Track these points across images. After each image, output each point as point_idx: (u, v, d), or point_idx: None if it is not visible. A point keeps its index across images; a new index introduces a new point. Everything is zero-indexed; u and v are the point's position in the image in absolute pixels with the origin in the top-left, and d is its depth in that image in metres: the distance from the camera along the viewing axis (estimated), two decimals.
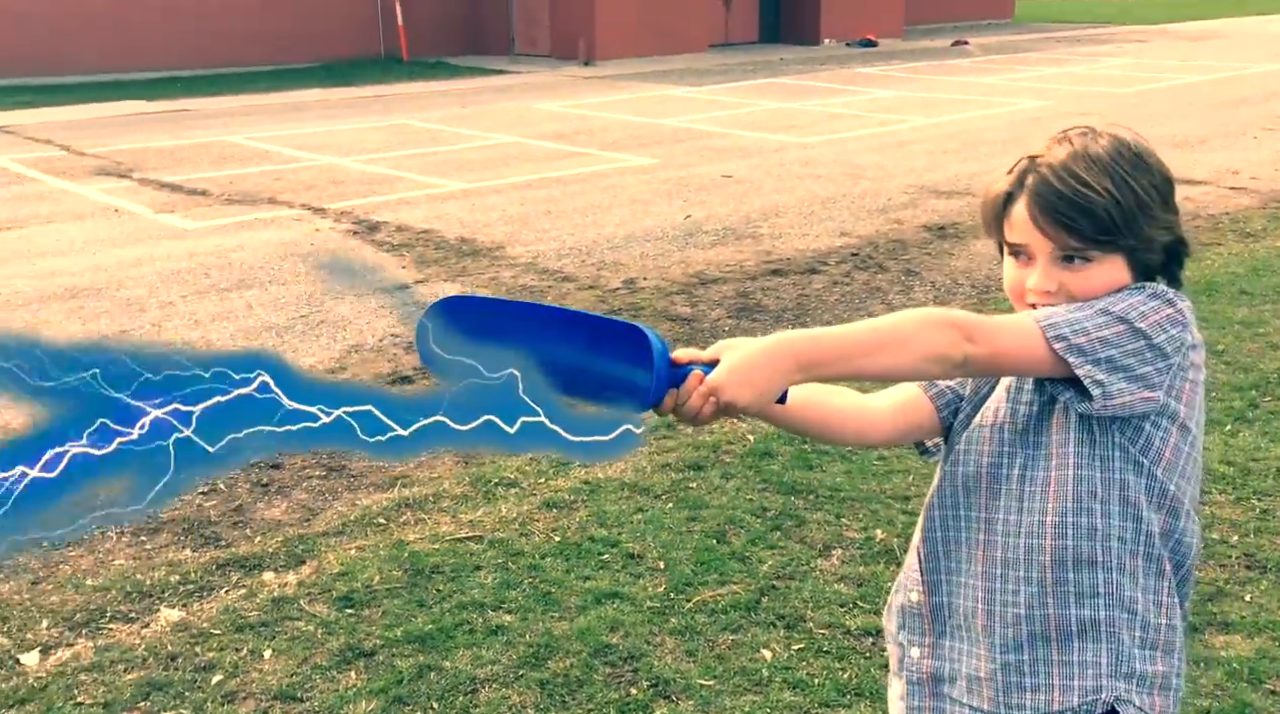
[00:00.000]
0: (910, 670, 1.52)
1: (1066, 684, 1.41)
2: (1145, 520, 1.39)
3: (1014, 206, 1.42)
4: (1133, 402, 1.33)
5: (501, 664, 2.84)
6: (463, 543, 3.51)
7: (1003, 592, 1.43)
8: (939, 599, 1.50)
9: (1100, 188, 1.36)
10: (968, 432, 1.49)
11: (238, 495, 3.96)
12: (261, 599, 3.20)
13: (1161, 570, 1.41)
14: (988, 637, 1.44)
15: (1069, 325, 1.32)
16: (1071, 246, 1.38)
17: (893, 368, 1.29)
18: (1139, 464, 1.38)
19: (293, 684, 2.79)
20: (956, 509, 1.48)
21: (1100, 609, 1.40)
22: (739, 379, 1.24)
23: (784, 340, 1.26)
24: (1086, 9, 38.02)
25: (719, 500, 3.74)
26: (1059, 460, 1.40)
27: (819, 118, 13.39)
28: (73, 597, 3.26)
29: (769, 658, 2.85)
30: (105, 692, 2.77)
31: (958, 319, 1.29)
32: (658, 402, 1.27)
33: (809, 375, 1.28)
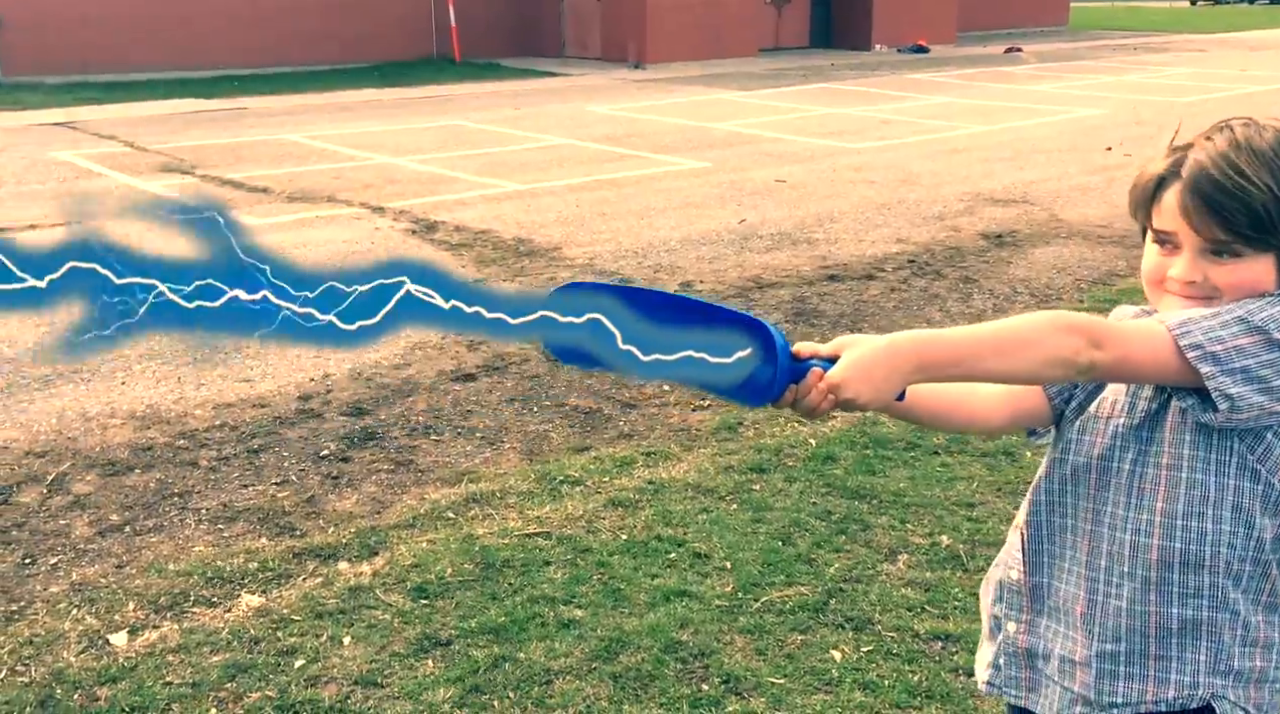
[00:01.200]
0: (1006, 643, 1.55)
1: (1163, 678, 1.42)
2: (1257, 527, 1.38)
3: (1166, 192, 1.40)
4: (1262, 414, 1.31)
5: (574, 657, 2.90)
6: (531, 538, 3.57)
7: (1105, 584, 1.44)
8: (1039, 579, 1.51)
9: (1260, 182, 1.33)
10: (1081, 420, 1.49)
11: (309, 487, 4.06)
12: (338, 588, 3.28)
13: (1268, 573, 1.41)
14: (1086, 624, 1.45)
15: (1204, 333, 1.30)
16: (1221, 240, 1.36)
17: (1014, 372, 1.30)
18: (1255, 472, 1.37)
19: (373, 670, 2.86)
20: (1063, 496, 1.48)
21: (1203, 610, 1.41)
22: (858, 376, 1.27)
23: (905, 339, 1.28)
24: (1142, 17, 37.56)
25: (783, 503, 3.77)
26: (1172, 460, 1.39)
27: (871, 123, 13.36)
28: (156, 581, 3.36)
29: (839, 658, 2.88)
30: (193, 672, 2.86)
31: (1084, 324, 1.28)
32: (779, 396, 1.30)
33: (928, 376, 1.29)
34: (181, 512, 3.87)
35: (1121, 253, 7.35)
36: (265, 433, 4.53)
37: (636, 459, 4.20)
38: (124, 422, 4.64)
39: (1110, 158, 10.87)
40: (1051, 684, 1.50)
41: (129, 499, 3.96)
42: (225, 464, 4.25)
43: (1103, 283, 6.65)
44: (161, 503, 3.93)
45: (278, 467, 4.23)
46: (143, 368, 5.27)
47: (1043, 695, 1.51)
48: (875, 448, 4.21)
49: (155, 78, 19.08)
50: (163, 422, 4.64)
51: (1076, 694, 1.47)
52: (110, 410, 4.75)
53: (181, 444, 4.42)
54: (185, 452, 4.35)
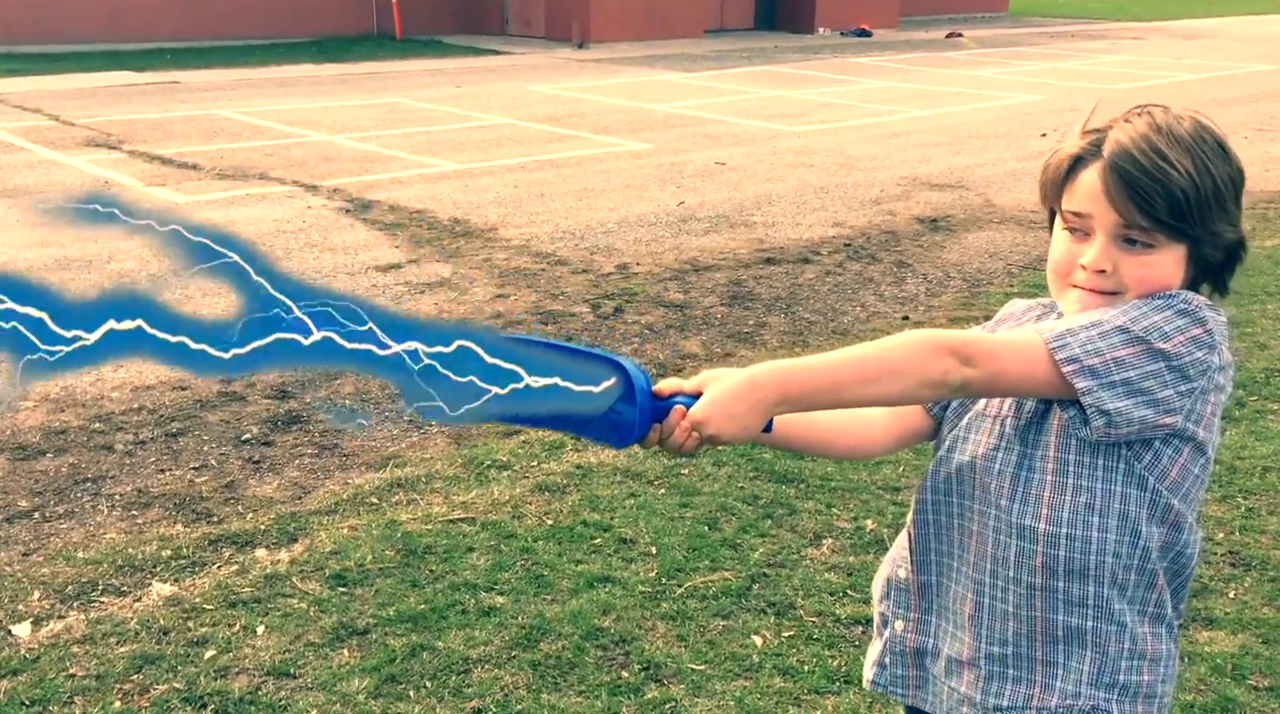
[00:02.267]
0: (893, 641, 1.52)
1: (1047, 684, 1.39)
2: (1144, 536, 1.34)
3: (1083, 171, 1.34)
4: (1142, 429, 1.27)
5: (493, 645, 2.86)
6: (455, 524, 3.52)
7: (991, 587, 1.41)
8: (927, 578, 1.49)
9: (1181, 168, 1.29)
10: (966, 418, 1.45)
11: (229, 471, 3.96)
12: (254, 576, 3.21)
13: (1154, 583, 1.37)
14: (974, 625, 1.43)
15: (1081, 346, 1.25)
16: (1139, 225, 1.30)
17: (883, 397, 1.27)
18: (1143, 480, 1.32)
19: (286, 661, 2.80)
20: (949, 495, 1.45)
21: (1088, 619, 1.37)
22: (720, 413, 1.24)
23: (766, 372, 1.25)
24: (1081, 4, 38.07)
25: (711, 487, 3.76)
26: (1057, 466, 1.35)
27: (812, 107, 13.39)
28: (64, 569, 3.26)
29: (760, 644, 2.87)
30: (98, 664, 2.78)
31: (953, 341, 1.25)
32: (643, 435, 1.28)
33: (793, 406, 1.26)
34: (94, 497, 3.76)
35: None
36: (185, 416, 4.42)
37: (566, 443, 4.15)
38: (36, 404, 4.50)
39: (1045, 144, 10.99)
40: (938, 683, 1.47)
41: (39, 484, 3.83)
42: (142, 448, 4.14)
43: (1033, 268, 6.72)
44: (73, 488, 3.81)
45: (197, 451, 4.13)
46: None
47: (931, 694, 1.49)
48: None
49: (85, 49, 18.54)
50: (78, 404, 4.51)
51: (963, 695, 1.44)
52: (21, 392, 4.60)
53: (97, 427, 4.29)
54: (100, 435, 4.23)
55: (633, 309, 5.84)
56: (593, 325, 5.58)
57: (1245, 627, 2.95)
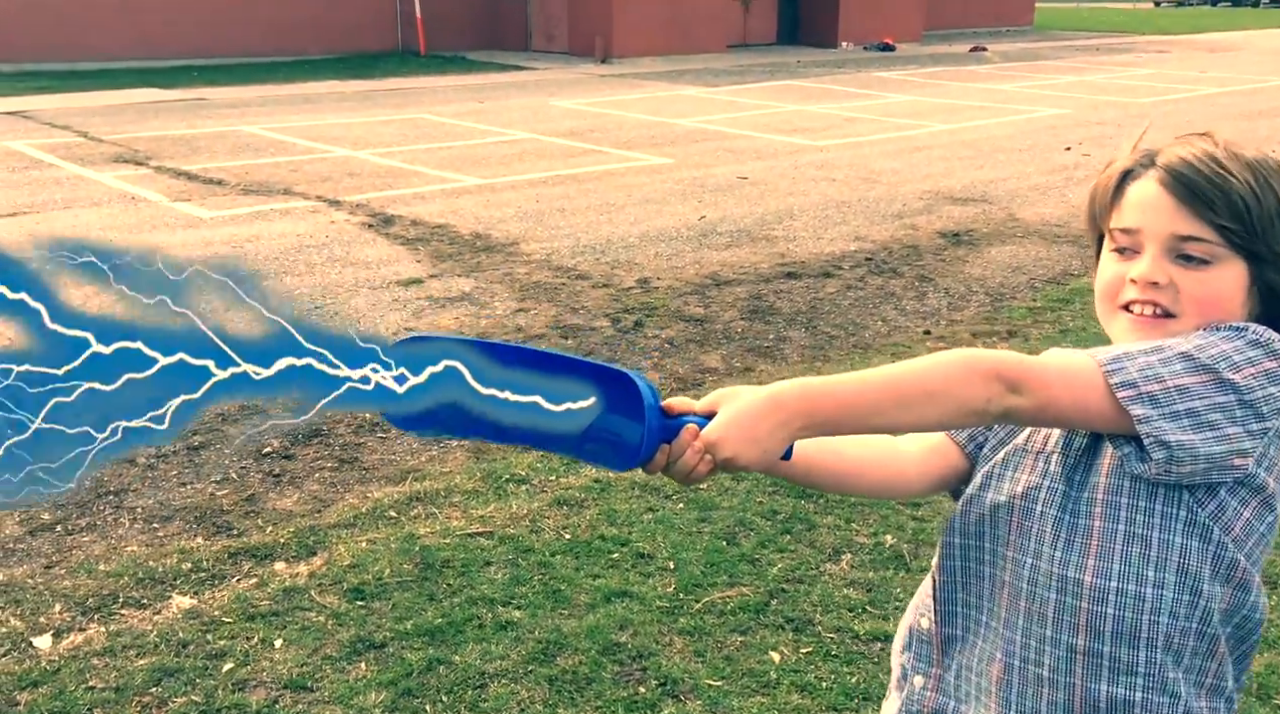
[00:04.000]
0: (911, 698, 1.36)
1: None
2: (1205, 595, 1.17)
3: (1132, 184, 1.24)
4: (1209, 469, 1.12)
5: (510, 660, 2.86)
6: (473, 538, 3.52)
7: (1024, 648, 1.24)
8: (951, 631, 1.32)
9: (1242, 178, 1.19)
10: (1004, 454, 1.29)
11: (250, 485, 3.98)
12: (273, 589, 3.22)
13: (1214, 650, 1.20)
14: (1002, 690, 1.26)
15: (1140, 370, 1.11)
16: (1196, 237, 1.19)
17: (917, 423, 1.13)
18: (1207, 530, 1.16)
19: (303, 674, 2.80)
20: (980, 540, 1.29)
21: (1136, 690, 1.19)
22: (739, 434, 1.10)
23: (790, 390, 1.10)
24: (1106, 18, 37.93)
25: (729, 502, 3.74)
26: (1107, 510, 1.19)
27: (835, 121, 13.38)
28: (85, 581, 3.28)
29: (777, 660, 2.85)
30: (117, 676, 2.79)
31: (999, 364, 1.10)
32: (648, 458, 1.13)
33: (820, 430, 1.11)
34: (116, 510, 3.78)
35: (1076, 252, 7.38)
36: (207, 430, 4.45)
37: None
38: None
39: (1069, 157, 10.94)
40: None
41: (61, 497, 3.86)
42: (164, 461, 4.16)
43: (1057, 282, 6.68)
44: (95, 501, 3.84)
45: (218, 464, 4.15)
46: None
47: None
48: None
49: (113, 67, 18.79)
50: None
51: None
52: None
53: None
54: None
55: (653, 323, 5.84)
56: (613, 339, 5.58)
57: (1271, 645, 2.91)
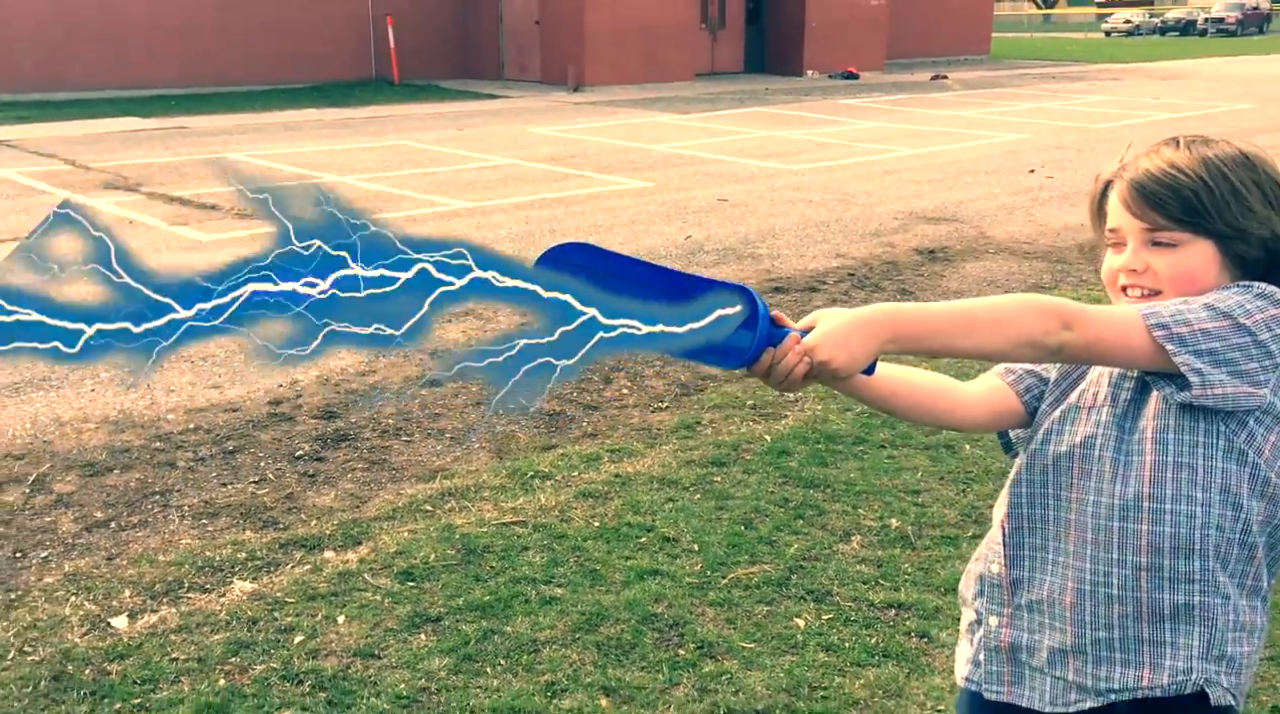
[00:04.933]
0: (988, 638, 1.56)
1: (1158, 664, 1.43)
2: (1245, 509, 1.39)
3: (1111, 194, 1.49)
4: (1235, 394, 1.33)
5: (558, 629, 3.11)
6: (508, 527, 3.77)
7: (1094, 573, 1.45)
8: (1020, 573, 1.53)
9: (1192, 173, 1.41)
10: (1060, 410, 1.51)
11: (287, 484, 4.21)
12: (328, 573, 3.45)
13: (1253, 556, 1.42)
14: (1076, 613, 1.46)
15: (1171, 316, 1.33)
16: (1159, 223, 1.43)
17: (984, 348, 1.32)
18: (1243, 454, 1.38)
19: (369, 644, 3.04)
20: (1045, 487, 1.50)
21: (1195, 595, 1.41)
22: (835, 342, 1.28)
23: (881, 310, 1.31)
24: (1059, 48, 38.94)
25: (743, 492, 4.03)
26: (1157, 446, 1.40)
27: (807, 146, 13.80)
28: (149, 570, 3.50)
29: (802, 625, 3.13)
30: (196, 649, 3.02)
31: (1058, 306, 1.31)
32: (755, 360, 1.30)
33: (902, 347, 1.31)
34: (164, 508, 4.00)
35: (1047, 267, 7.78)
36: (239, 435, 4.67)
37: (602, 456, 4.42)
38: (98, 426, 4.74)
39: (1033, 179, 11.40)
40: (1040, 676, 1.52)
41: (111, 497, 4.07)
42: (202, 464, 4.38)
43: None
44: (143, 501, 4.06)
45: (254, 466, 4.38)
46: (110, 376, 5.36)
47: (1028, 688, 1.53)
48: (826, 443, 4.48)
49: (89, 97, 18.90)
50: (136, 426, 4.75)
51: (1071, 682, 1.48)
52: (83, 415, 4.85)
53: (158, 446, 4.54)
54: (162, 453, 4.48)
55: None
56: None
57: None
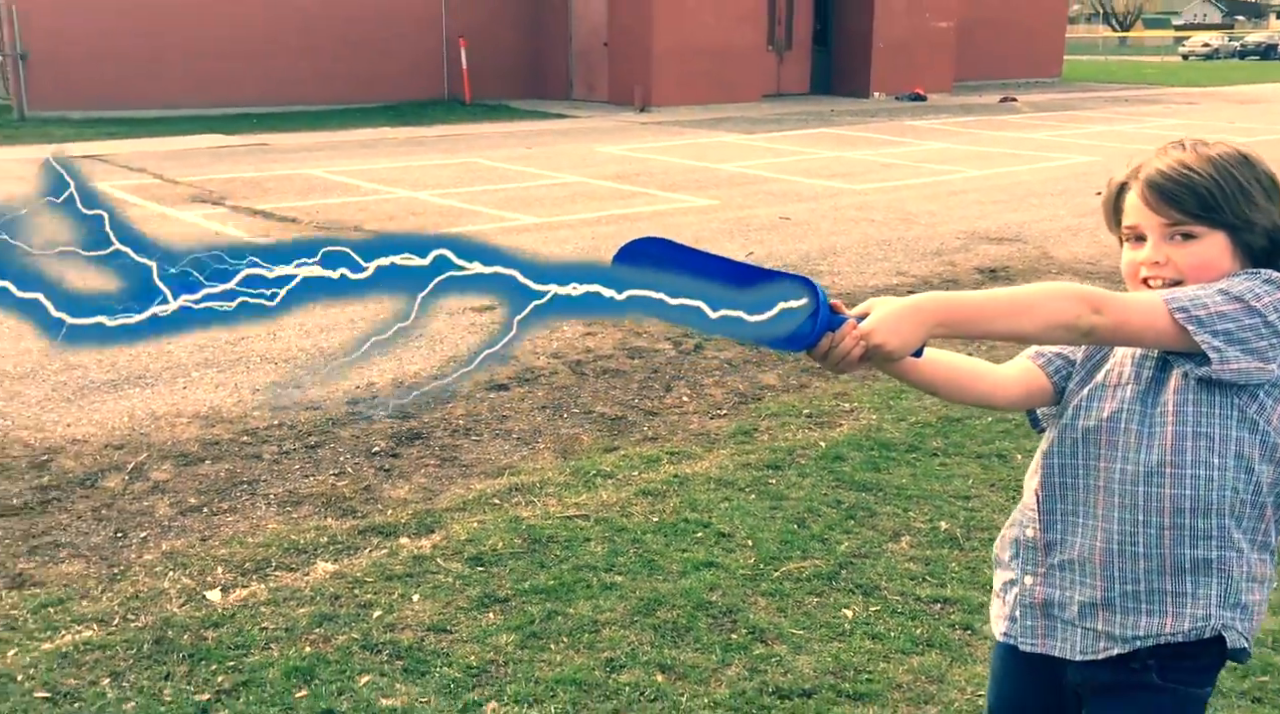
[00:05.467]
0: (1023, 595, 1.73)
1: (1179, 612, 1.60)
2: (1256, 472, 1.57)
3: (1127, 194, 1.66)
4: (1248, 369, 1.50)
5: (618, 612, 3.30)
6: (571, 520, 3.98)
7: (1120, 534, 1.62)
8: (1053, 536, 1.70)
9: (1203, 171, 1.59)
10: (1088, 389, 1.68)
11: (364, 477, 4.46)
12: (403, 557, 3.68)
13: (1263, 515, 1.61)
14: (1105, 570, 1.64)
15: (1190, 300, 1.51)
16: (1176, 218, 1.59)
17: (1022, 331, 1.49)
18: (1254, 424, 1.56)
19: (441, 620, 3.26)
20: (1075, 457, 1.67)
21: (1213, 549, 1.59)
22: (888, 327, 1.46)
23: (930, 297, 1.49)
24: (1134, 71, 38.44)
25: (797, 494, 4.18)
26: (1177, 418, 1.57)
27: (871, 166, 13.90)
28: (239, 550, 3.76)
29: (850, 615, 3.29)
30: (284, 621, 3.26)
31: (1087, 292, 1.48)
32: (815, 343, 1.48)
33: (949, 331, 1.49)
34: (252, 496, 4.27)
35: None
36: (320, 432, 4.94)
37: (662, 457, 4.61)
38: (190, 420, 5.05)
39: (1099, 201, 11.37)
40: (1071, 628, 1.68)
41: (203, 485, 4.36)
42: (286, 457, 4.66)
43: None
44: (233, 489, 4.33)
45: (334, 460, 4.64)
46: (200, 375, 5.69)
47: (1060, 640, 1.70)
48: (880, 450, 4.62)
49: (174, 114, 19.65)
50: (225, 421, 5.05)
51: (1100, 632, 1.65)
52: (176, 411, 5.17)
53: (245, 440, 4.83)
54: (249, 446, 4.76)
55: (711, 346, 6.31)
56: (676, 360, 6.06)
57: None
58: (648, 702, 2.87)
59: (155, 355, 5.99)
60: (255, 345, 6.25)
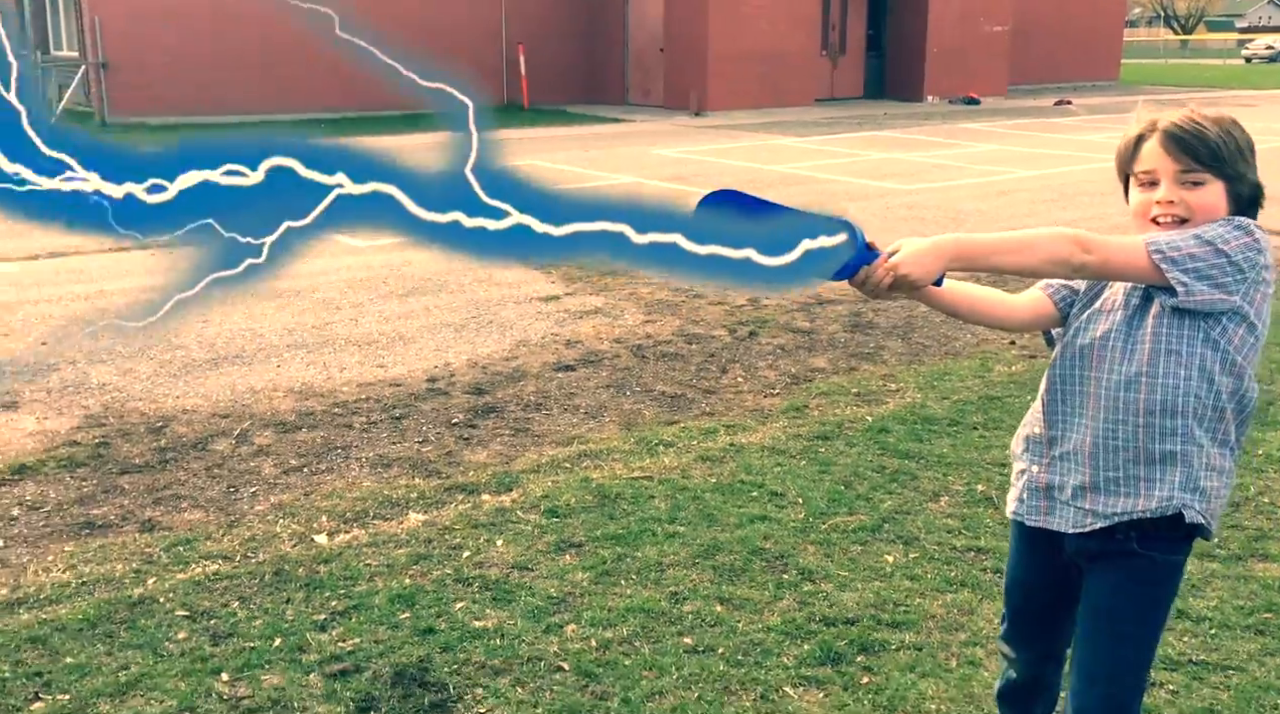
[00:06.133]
0: (1030, 480, 2.11)
1: (1149, 494, 1.96)
2: (1216, 383, 1.92)
3: (1145, 144, 1.98)
4: (1211, 299, 1.85)
5: (680, 556, 3.67)
6: (637, 480, 4.36)
7: (1105, 431, 1.97)
8: (1054, 433, 2.06)
9: (1213, 130, 1.93)
10: (1087, 313, 2.03)
11: (446, 445, 4.87)
12: (486, 509, 4.09)
13: (1223, 416, 1.95)
14: (1092, 460, 2.00)
15: (1167, 244, 1.84)
16: (1190, 166, 1.91)
17: (1024, 265, 1.84)
18: (1216, 343, 1.90)
19: (523, 560, 3.65)
20: (1073, 369, 2.03)
21: (1178, 444, 1.93)
22: (913, 260, 1.83)
23: (948, 237, 1.86)
24: (1194, 73, 38.03)
25: (844, 460, 4.53)
26: (1153, 339, 1.91)
27: (923, 167, 14.14)
28: (339, 503, 4.19)
29: (890, 561, 3.63)
30: (384, 559, 3.67)
31: (1081, 236, 1.82)
32: (853, 274, 1.84)
33: (963, 264, 1.86)
34: (346, 459, 4.70)
35: None
36: (403, 405, 5.37)
37: (718, 429, 4.97)
38: (285, 394, 5.51)
39: None
40: (1066, 507, 2.05)
41: (302, 449, 4.80)
42: (374, 427, 5.09)
43: None
44: (328, 453, 4.77)
45: (418, 430, 5.06)
46: (291, 355, 6.16)
47: (1058, 516, 2.07)
48: (923, 424, 4.95)
49: (250, 119, 20.40)
50: (317, 395, 5.51)
51: (1087, 510, 2.01)
52: (273, 386, 5.64)
53: (337, 411, 5.28)
54: (340, 417, 5.21)
55: (766, 333, 6.67)
56: (731, 345, 6.42)
57: None
58: (708, 626, 3.24)
59: (249, 338, 6.48)
60: (339, 330, 6.72)
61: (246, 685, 2.94)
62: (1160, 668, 2.96)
